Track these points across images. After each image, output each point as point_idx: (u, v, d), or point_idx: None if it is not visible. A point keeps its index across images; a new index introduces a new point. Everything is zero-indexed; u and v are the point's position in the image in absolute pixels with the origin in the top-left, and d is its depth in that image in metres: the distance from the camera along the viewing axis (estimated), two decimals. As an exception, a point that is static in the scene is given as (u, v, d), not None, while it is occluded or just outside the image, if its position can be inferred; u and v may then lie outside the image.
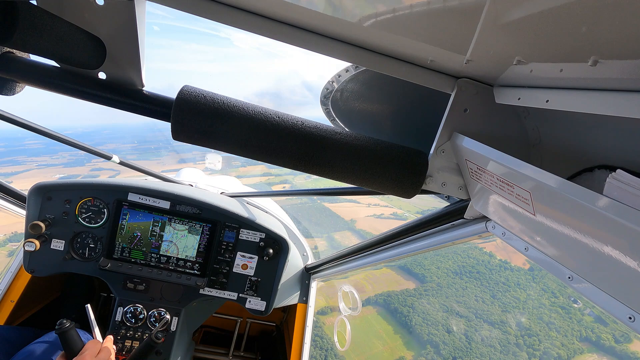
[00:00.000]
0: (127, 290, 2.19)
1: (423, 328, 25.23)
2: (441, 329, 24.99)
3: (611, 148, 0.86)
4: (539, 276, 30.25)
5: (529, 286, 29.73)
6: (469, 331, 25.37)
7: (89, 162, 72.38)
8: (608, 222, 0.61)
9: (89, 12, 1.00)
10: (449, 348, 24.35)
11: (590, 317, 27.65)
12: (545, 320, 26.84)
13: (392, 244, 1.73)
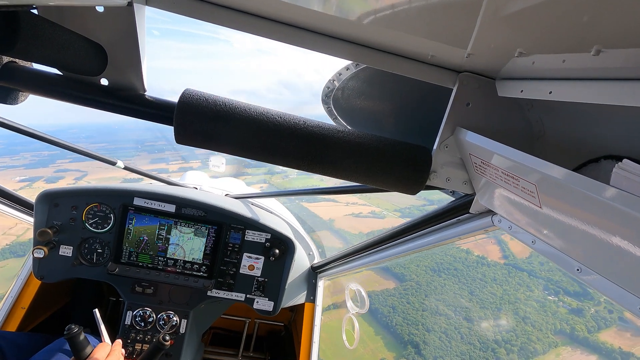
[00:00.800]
0: (136, 294, 2.21)
1: (404, 328, 25.14)
2: (421, 328, 24.97)
3: (616, 138, 0.85)
4: (514, 271, 30.46)
5: (504, 281, 29.84)
6: (448, 329, 25.36)
7: (53, 164, 67.79)
8: (616, 212, 0.61)
9: (89, 19, 1.01)
10: (430, 348, 24.32)
11: (565, 309, 27.84)
12: (521, 315, 26.95)
13: (397, 241, 1.73)
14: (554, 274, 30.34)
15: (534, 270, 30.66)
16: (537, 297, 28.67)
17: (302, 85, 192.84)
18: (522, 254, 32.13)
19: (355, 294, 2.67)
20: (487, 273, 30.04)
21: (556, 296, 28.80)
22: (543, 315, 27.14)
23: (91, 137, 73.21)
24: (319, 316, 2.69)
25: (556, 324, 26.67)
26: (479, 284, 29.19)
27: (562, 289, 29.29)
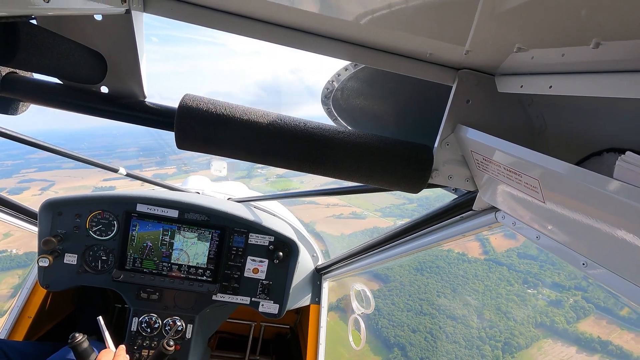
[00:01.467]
0: (141, 300, 2.21)
1: (389, 330, 24.82)
2: (407, 329, 24.72)
3: (618, 130, 0.85)
4: (494, 266, 30.39)
5: (485, 277, 29.74)
6: (433, 329, 25.14)
7: (17, 174, 64.52)
8: (620, 205, 0.60)
9: (88, 27, 1.01)
10: (416, 349, 24.09)
11: (544, 301, 27.91)
12: (503, 310, 26.93)
13: (401, 240, 1.73)
14: (532, 267, 30.51)
15: (513, 264, 30.78)
16: (517, 291, 28.78)
17: (278, 87, 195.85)
18: (501, 248, 32.33)
19: (360, 294, 2.67)
20: (468, 270, 30.11)
21: (535, 289, 28.96)
22: (524, 309, 27.31)
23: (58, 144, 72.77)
24: (324, 318, 2.68)
25: (537, 317, 26.83)
26: (461, 281, 29.21)
27: (540, 281, 29.47)
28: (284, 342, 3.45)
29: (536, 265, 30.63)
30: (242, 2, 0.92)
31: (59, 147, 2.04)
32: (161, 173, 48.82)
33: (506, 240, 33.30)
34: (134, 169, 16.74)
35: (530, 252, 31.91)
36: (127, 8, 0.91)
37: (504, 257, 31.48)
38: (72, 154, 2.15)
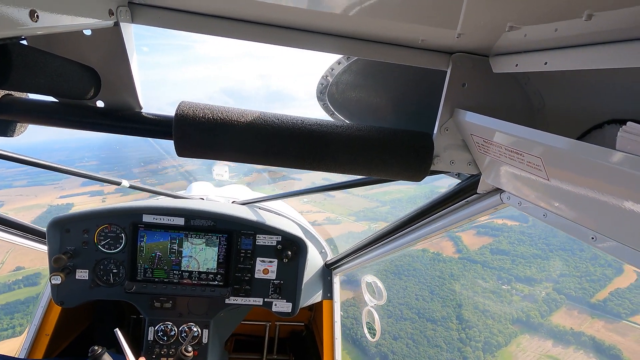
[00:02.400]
0: (155, 309, 2.23)
1: (369, 339, 23.95)
2: (388, 337, 24.27)
3: (618, 101, 0.84)
4: (469, 264, 30.35)
5: (461, 276, 29.74)
6: (414, 334, 24.85)
7: None
8: (625, 177, 0.60)
9: (78, 43, 1.02)
10: (398, 357, 23.70)
11: (518, 296, 27.92)
12: (480, 309, 26.88)
13: (409, 229, 1.73)
14: (505, 263, 30.54)
15: (486, 261, 30.78)
16: (492, 288, 28.77)
17: (245, 93, 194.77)
18: (474, 246, 32.29)
19: (372, 285, 2.68)
20: (444, 270, 30.01)
21: (509, 284, 29.01)
22: (500, 305, 27.31)
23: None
24: (338, 312, 2.70)
25: (513, 313, 26.86)
26: (438, 281, 29.04)
27: (513, 276, 29.52)
28: (299, 339, 3.47)
29: (508, 261, 30.75)
30: (230, 5, 0.92)
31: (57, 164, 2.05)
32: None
33: (478, 238, 33.34)
34: (96, 184, 16.04)
35: (502, 247, 31.95)
36: (115, 20, 0.91)
37: (477, 255, 31.57)
38: (70, 170, 2.16)
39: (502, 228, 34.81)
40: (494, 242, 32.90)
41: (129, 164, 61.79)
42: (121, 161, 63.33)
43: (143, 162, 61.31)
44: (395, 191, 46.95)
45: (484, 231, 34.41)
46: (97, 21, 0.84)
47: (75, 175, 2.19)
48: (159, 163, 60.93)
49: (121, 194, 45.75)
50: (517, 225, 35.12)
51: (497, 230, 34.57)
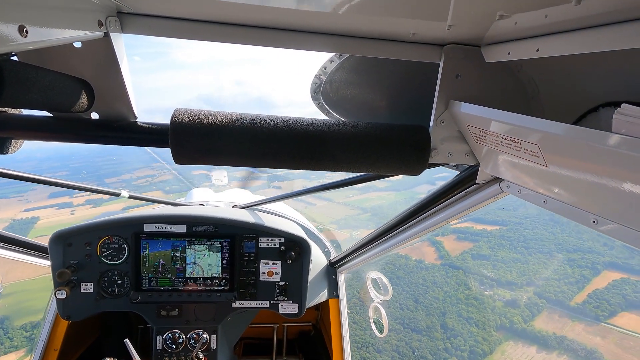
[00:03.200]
0: (162, 318, 2.23)
1: (353, 353, 22.94)
2: (372, 350, 23.50)
3: (611, 84, 0.84)
4: (451, 270, 30.32)
5: (444, 282, 29.55)
6: (399, 345, 24.33)
7: None
8: (623, 158, 0.60)
9: (69, 57, 1.01)
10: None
11: (501, 302, 27.87)
12: (464, 317, 26.71)
13: (411, 222, 1.73)
14: (486, 268, 30.47)
15: (468, 267, 30.81)
16: (475, 294, 28.56)
17: (223, 100, 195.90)
18: (455, 252, 32.21)
19: (377, 281, 2.68)
20: (427, 277, 29.77)
21: (491, 290, 28.97)
22: (484, 312, 27.17)
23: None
24: (344, 310, 2.70)
25: (496, 319, 26.79)
26: (422, 289, 28.65)
27: (495, 281, 29.52)
28: (308, 339, 3.47)
29: (489, 266, 30.73)
30: (219, 10, 0.92)
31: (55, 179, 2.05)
32: (94, 198, 43.80)
33: (459, 243, 33.23)
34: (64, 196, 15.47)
35: (482, 252, 31.92)
36: (105, 31, 0.91)
37: (459, 261, 31.54)
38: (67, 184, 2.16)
39: (481, 233, 34.84)
40: (475, 247, 32.90)
41: (101, 173, 60.25)
42: (94, 170, 61.69)
43: (115, 172, 59.83)
44: (376, 198, 46.76)
45: (464, 236, 34.39)
46: (86, 33, 0.83)
47: (71, 188, 2.19)
48: (133, 173, 59.70)
49: (92, 205, 45.09)
50: (497, 229, 35.15)
51: (477, 235, 34.56)
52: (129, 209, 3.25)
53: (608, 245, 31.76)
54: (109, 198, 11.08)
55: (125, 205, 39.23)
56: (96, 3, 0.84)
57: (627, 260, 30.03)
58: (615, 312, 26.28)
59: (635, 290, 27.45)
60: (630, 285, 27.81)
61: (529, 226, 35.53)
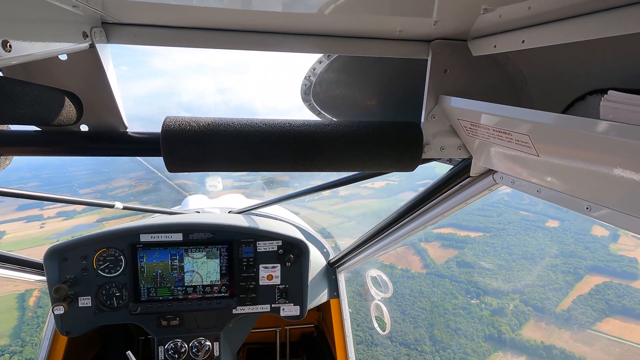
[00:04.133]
0: (163, 328, 2.21)
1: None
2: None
3: (597, 71, 0.86)
4: (437, 279, 29.86)
5: (431, 292, 28.99)
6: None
7: None
8: (612, 144, 0.61)
9: (55, 69, 1.00)
10: None
11: (488, 310, 27.59)
12: (452, 328, 26.27)
13: (407, 218, 1.73)
14: (472, 275, 30.23)
15: (454, 275, 30.47)
16: (462, 303, 28.14)
17: (205, 108, 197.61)
18: (440, 260, 31.87)
19: (377, 279, 2.68)
20: (413, 287, 29.33)
21: (478, 298, 28.60)
22: (471, 322, 26.72)
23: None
24: (346, 310, 2.70)
25: (484, 329, 26.32)
26: (409, 300, 27.87)
27: (481, 289, 29.20)
28: (311, 341, 3.47)
29: (475, 273, 30.51)
30: (206, 16, 0.92)
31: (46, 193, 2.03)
32: (65, 210, 41.71)
33: (444, 251, 32.97)
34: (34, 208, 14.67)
35: (467, 259, 31.63)
36: (91, 42, 0.90)
37: (444, 269, 31.21)
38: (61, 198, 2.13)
39: (465, 240, 34.67)
40: (459, 254, 32.64)
41: (75, 184, 57.68)
42: (67, 181, 59.02)
43: (90, 183, 57.43)
44: (359, 206, 46.60)
45: (449, 243, 34.20)
46: (72, 45, 0.83)
47: (62, 202, 2.16)
48: (109, 183, 57.37)
49: (63, 217, 43.04)
50: (481, 236, 35.04)
51: (461, 242, 34.40)
52: (104, 222, 3.17)
53: (590, 249, 31.95)
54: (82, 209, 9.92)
55: (100, 217, 37.42)
56: (80, 15, 0.83)
57: (608, 263, 30.25)
58: (600, 318, 26.40)
59: (617, 294, 27.62)
60: (612, 289, 27.99)
61: (511, 232, 35.51)
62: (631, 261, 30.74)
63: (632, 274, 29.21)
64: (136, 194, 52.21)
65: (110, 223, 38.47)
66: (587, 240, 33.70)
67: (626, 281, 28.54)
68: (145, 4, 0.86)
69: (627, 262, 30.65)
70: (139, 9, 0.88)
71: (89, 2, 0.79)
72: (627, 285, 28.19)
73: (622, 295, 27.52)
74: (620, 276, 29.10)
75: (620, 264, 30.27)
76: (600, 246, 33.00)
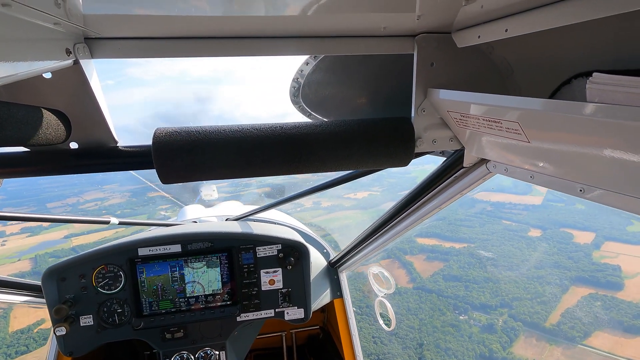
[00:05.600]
0: (167, 341, 2.19)
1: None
2: None
3: (581, 55, 0.87)
4: (424, 294, 29.15)
5: (418, 309, 27.94)
6: None
7: None
8: (600, 125, 0.62)
9: (40, 88, 0.99)
10: None
11: (477, 327, 26.82)
12: (443, 347, 25.26)
13: (405, 213, 1.74)
14: (459, 290, 29.56)
15: (440, 290, 29.74)
16: (450, 320, 27.18)
17: (183, 118, 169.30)
18: (426, 273, 31.23)
19: (379, 276, 2.69)
20: (400, 303, 28.33)
21: (466, 314, 27.75)
22: (461, 340, 25.73)
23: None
24: (350, 309, 2.70)
25: (475, 348, 25.34)
26: (396, 318, 26.27)
27: (469, 304, 28.30)
28: (317, 342, 3.46)
29: (462, 287, 29.89)
30: (189, 25, 0.91)
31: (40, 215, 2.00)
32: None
33: (429, 264, 32.28)
34: None
35: (453, 273, 31.01)
36: (74, 59, 0.89)
37: (431, 283, 30.48)
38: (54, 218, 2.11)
39: (450, 252, 34.11)
40: (445, 267, 32.04)
41: (42, 198, 55.59)
42: (35, 194, 56.80)
43: (60, 196, 55.17)
44: (342, 217, 46.26)
45: (434, 256, 33.56)
46: (55, 62, 0.82)
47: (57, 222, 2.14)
48: (80, 196, 55.71)
49: (28, 234, 40.64)
50: (465, 247, 34.46)
51: (446, 254, 33.80)
52: (73, 237, 3.05)
53: (573, 259, 31.53)
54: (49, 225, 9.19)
55: (68, 233, 35.98)
56: (62, 31, 0.83)
57: (592, 273, 29.78)
58: (589, 333, 25.97)
59: (604, 306, 27.20)
60: (599, 300, 27.53)
61: (495, 242, 35.08)
62: (614, 269, 30.47)
63: (616, 284, 28.90)
64: (108, 207, 50.64)
65: (79, 239, 37.28)
66: (570, 249, 33.27)
67: (611, 292, 28.20)
68: (127, 16, 0.85)
69: (610, 270, 30.31)
70: (121, 22, 0.88)
71: (70, 19, 0.78)
72: (612, 296, 27.83)
73: (609, 307, 27.12)
74: (605, 287, 28.77)
75: (604, 274, 29.89)
76: (583, 255, 32.46)
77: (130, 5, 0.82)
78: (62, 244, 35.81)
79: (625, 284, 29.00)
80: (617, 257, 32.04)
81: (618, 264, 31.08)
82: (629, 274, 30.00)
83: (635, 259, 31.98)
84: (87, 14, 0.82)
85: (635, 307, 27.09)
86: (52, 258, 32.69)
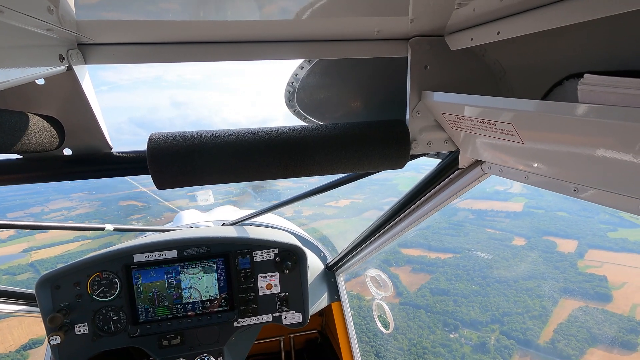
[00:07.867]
0: (164, 348, 2.17)
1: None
2: None
3: (572, 57, 0.88)
4: (412, 310, 28.01)
5: (406, 328, 26.54)
6: None
7: None
8: (592, 126, 0.63)
9: (33, 95, 0.98)
10: None
11: (469, 346, 25.81)
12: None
13: (401, 216, 1.75)
14: (447, 305, 28.69)
15: (429, 305, 28.60)
16: (440, 339, 25.88)
17: (159, 123, 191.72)
18: (413, 287, 30.16)
19: (376, 279, 2.69)
20: (387, 322, 27.19)
21: (457, 332, 26.78)
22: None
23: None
24: (348, 312, 2.69)
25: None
26: (383, 339, 24.34)
27: (459, 321, 27.34)
28: (316, 346, 3.45)
29: (450, 302, 28.93)
30: (182, 30, 0.91)
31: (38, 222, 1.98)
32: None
33: (415, 276, 31.27)
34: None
35: (441, 286, 30.08)
36: (68, 65, 0.89)
37: (418, 298, 29.33)
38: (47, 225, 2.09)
39: (436, 263, 33.28)
40: (432, 279, 31.13)
41: (2, 207, 54.16)
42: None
43: (23, 205, 54.09)
44: (324, 226, 45.46)
45: (420, 267, 32.66)
46: (48, 69, 0.81)
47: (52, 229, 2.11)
48: (46, 205, 54.41)
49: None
50: (451, 257, 33.74)
51: (432, 265, 32.91)
52: (33, 251, 2.90)
53: (559, 269, 31.09)
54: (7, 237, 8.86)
55: (27, 247, 33.46)
56: (55, 38, 0.82)
57: (580, 285, 29.40)
58: (584, 349, 25.29)
59: (596, 321, 26.60)
60: (590, 314, 26.97)
61: (483, 250, 34.35)
62: (601, 280, 30.10)
63: (605, 295, 28.60)
64: (75, 217, 49.37)
65: (39, 253, 35.14)
66: (555, 258, 32.87)
67: (601, 304, 27.76)
68: (120, 22, 0.85)
69: (597, 281, 29.90)
70: (114, 28, 0.88)
71: (63, 25, 0.77)
72: (603, 309, 27.38)
73: (600, 322, 26.55)
74: (594, 298, 28.37)
75: (592, 285, 29.52)
76: (569, 265, 32.04)
77: (123, 11, 0.82)
78: (19, 259, 33.60)
79: (613, 295, 28.63)
80: (601, 266, 31.76)
81: (604, 274, 30.74)
82: (615, 285, 29.67)
83: (619, 268, 31.74)
84: (80, 20, 0.81)
85: (627, 320, 26.64)
86: (7, 275, 30.37)
